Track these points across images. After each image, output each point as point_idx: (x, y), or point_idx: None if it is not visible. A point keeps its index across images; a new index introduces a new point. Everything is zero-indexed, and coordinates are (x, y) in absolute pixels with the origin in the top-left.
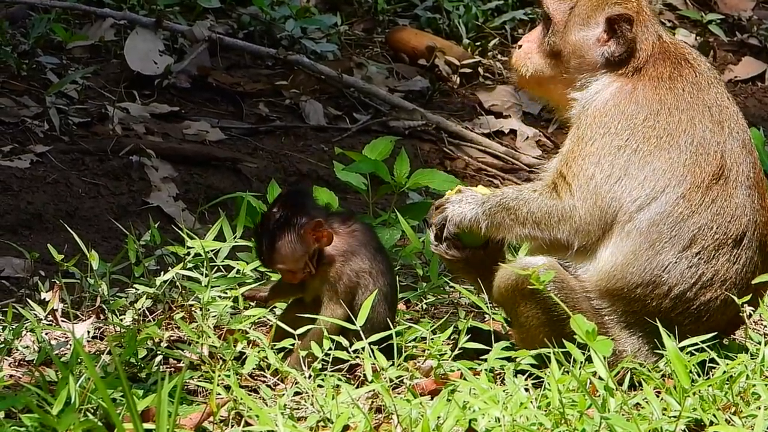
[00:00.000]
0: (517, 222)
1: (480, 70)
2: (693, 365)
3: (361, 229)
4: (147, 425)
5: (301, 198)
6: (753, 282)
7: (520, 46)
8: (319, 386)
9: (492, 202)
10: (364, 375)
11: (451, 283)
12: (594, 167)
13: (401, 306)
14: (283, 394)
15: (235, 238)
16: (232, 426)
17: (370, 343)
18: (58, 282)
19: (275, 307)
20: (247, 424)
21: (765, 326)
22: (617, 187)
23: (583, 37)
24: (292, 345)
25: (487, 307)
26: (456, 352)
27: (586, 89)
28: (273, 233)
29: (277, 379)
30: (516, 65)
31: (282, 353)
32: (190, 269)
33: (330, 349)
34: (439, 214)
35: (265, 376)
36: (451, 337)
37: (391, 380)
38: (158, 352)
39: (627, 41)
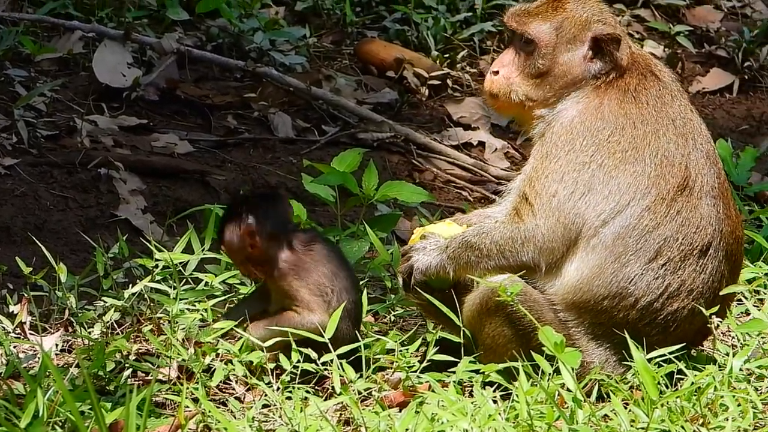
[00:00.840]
0: (483, 256)
1: (448, 82)
2: (661, 376)
3: (320, 248)
4: None
5: (265, 203)
6: (720, 293)
7: (496, 72)
8: (288, 398)
9: (455, 244)
10: (333, 387)
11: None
12: (557, 184)
13: (369, 318)
14: (252, 407)
15: (203, 250)
16: None
17: (338, 356)
18: (26, 295)
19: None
20: None
21: (733, 337)
22: (581, 203)
23: (571, 57)
24: (260, 358)
25: (459, 319)
26: (424, 364)
27: (555, 106)
28: (227, 218)
29: (246, 391)
30: (498, 91)
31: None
32: (158, 282)
33: (298, 361)
34: (404, 263)
35: (234, 389)
36: (420, 349)
37: (359, 392)
38: (126, 365)
39: (614, 59)
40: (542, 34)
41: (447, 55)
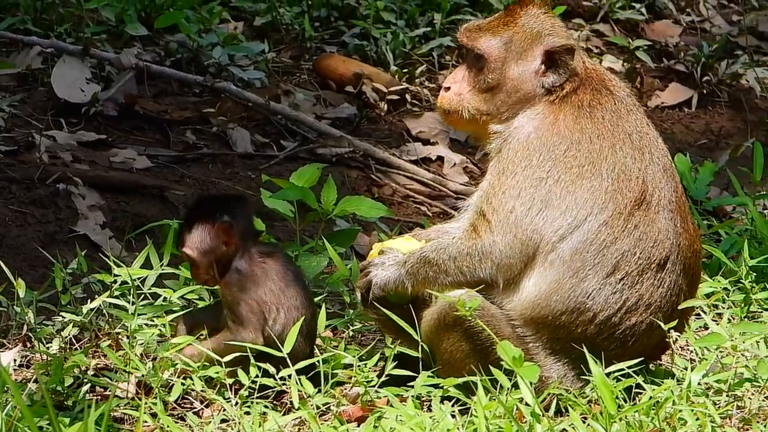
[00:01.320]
0: (441, 272)
1: (407, 96)
2: (619, 391)
3: (273, 262)
4: None
5: (237, 204)
6: (679, 307)
7: (448, 89)
8: (246, 413)
9: (413, 260)
10: (291, 402)
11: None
12: (514, 201)
13: (328, 333)
14: (210, 422)
15: (162, 265)
16: None
17: (296, 371)
18: None
19: (201, 334)
20: None
21: (691, 351)
22: (538, 218)
23: (522, 71)
24: (218, 373)
25: (417, 333)
26: (383, 379)
27: (510, 121)
28: (196, 216)
29: (204, 407)
30: (449, 107)
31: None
32: (117, 297)
33: (257, 376)
34: (363, 278)
35: (193, 403)
36: (378, 364)
37: (317, 407)
38: (85, 380)
39: (568, 71)
40: (491, 48)
41: (406, 70)
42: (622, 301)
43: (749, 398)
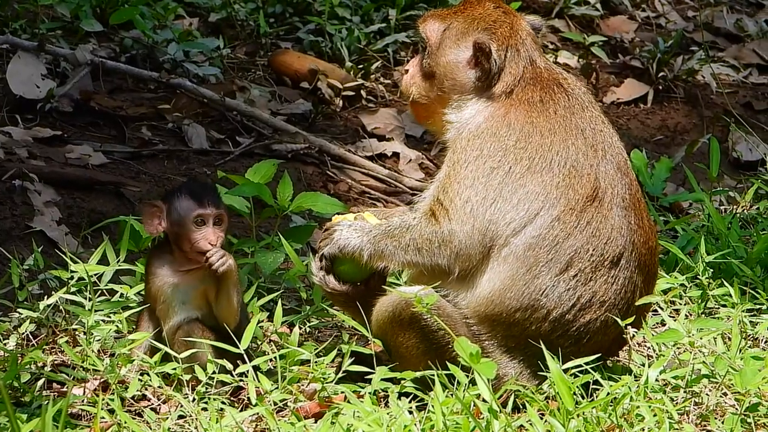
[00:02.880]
0: (399, 248)
1: (363, 92)
2: (577, 387)
3: None
4: None
5: (190, 187)
6: (636, 303)
7: (407, 71)
8: (204, 409)
9: (377, 231)
10: (248, 398)
11: (335, 308)
12: (469, 190)
13: (284, 329)
14: (168, 418)
15: (118, 261)
16: None
17: (253, 367)
18: None
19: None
20: None
21: (648, 347)
22: (492, 209)
23: (453, 59)
24: (174, 369)
25: (369, 331)
26: (340, 375)
27: (461, 112)
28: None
29: (162, 403)
30: (404, 89)
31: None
32: (73, 293)
33: (214, 372)
34: (326, 237)
35: (149, 399)
36: (335, 360)
37: (275, 403)
38: (42, 376)
39: (493, 65)
40: (431, 32)
41: (361, 66)
42: (575, 298)
43: (707, 394)
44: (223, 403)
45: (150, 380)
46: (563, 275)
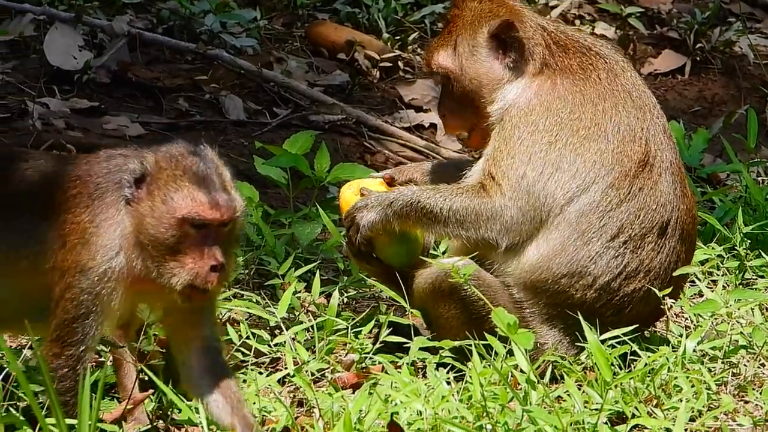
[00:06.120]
0: (437, 221)
1: (400, 64)
2: (614, 358)
3: None
4: (69, 420)
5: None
6: (674, 273)
7: (443, 115)
8: (243, 380)
9: (401, 201)
10: (286, 368)
11: (372, 279)
12: (525, 166)
13: (322, 300)
14: None
15: None
16: (155, 421)
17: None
18: None
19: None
20: (168, 417)
21: (686, 318)
22: (550, 182)
23: (481, 65)
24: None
25: (406, 301)
26: (377, 345)
27: (505, 97)
28: None
29: None
30: (450, 131)
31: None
32: None
33: (247, 338)
34: (350, 224)
35: None
36: (372, 331)
37: (312, 374)
38: None
39: (520, 43)
40: (446, 62)
41: (398, 37)
42: (623, 266)
43: (744, 365)
44: (260, 373)
45: None
46: (613, 242)
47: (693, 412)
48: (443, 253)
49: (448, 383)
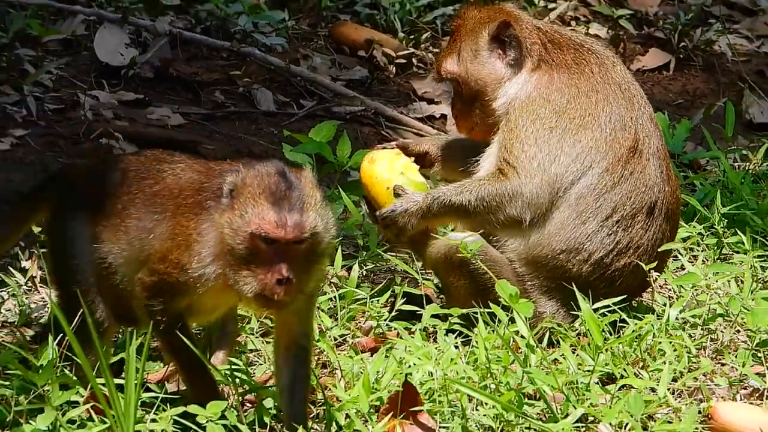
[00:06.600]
0: (469, 215)
1: (414, 60)
2: (605, 325)
3: None
4: (117, 380)
5: None
6: (660, 249)
7: (456, 116)
8: (269, 343)
9: (437, 205)
10: None
11: (389, 254)
12: (533, 148)
13: (344, 273)
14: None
15: None
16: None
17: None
18: (36, 252)
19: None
20: None
21: (669, 289)
22: (557, 163)
23: (483, 66)
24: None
25: (419, 274)
26: (393, 314)
27: (507, 93)
28: None
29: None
30: (462, 130)
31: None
32: None
33: None
34: (389, 224)
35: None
36: (388, 301)
37: (334, 338)
38: None
39: (518, 42)
40: (453, 68)
41: (412, 37)
42: (615, 243)
43: (721, 331)
44: None
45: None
46: (607, 221)
47: (675, 373)
48: (452, 229)
49: (456, 347)
